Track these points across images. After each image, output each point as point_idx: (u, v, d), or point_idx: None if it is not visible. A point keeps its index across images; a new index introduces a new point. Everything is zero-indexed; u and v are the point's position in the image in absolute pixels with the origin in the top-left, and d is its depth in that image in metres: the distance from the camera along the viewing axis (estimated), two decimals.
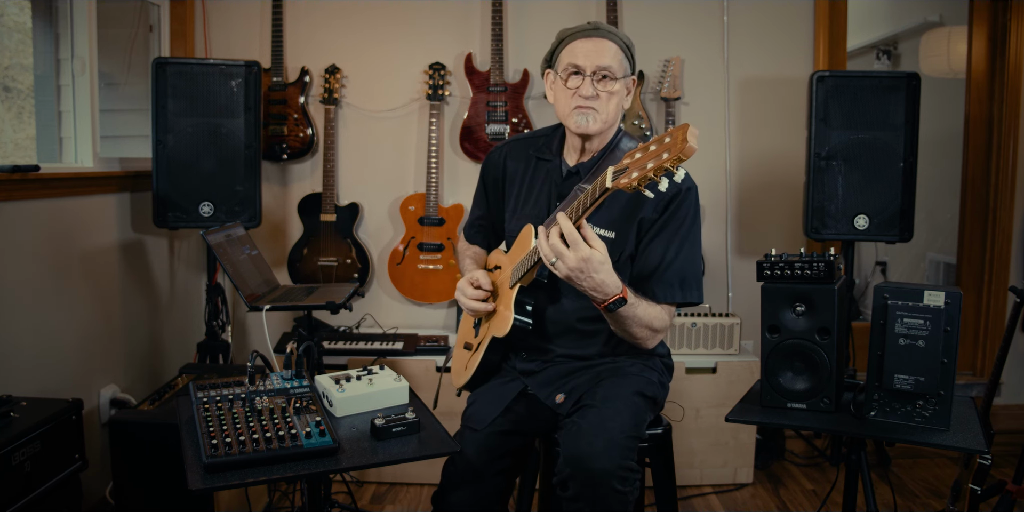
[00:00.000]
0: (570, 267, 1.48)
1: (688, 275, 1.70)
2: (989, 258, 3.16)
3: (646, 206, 1.69)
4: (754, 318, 1.97)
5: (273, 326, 3.12)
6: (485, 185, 1.96)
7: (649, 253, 1.70)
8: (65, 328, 2.37)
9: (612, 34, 1.69)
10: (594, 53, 1.66)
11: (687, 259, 1.70)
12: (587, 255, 1.47)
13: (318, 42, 3.12)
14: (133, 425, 2.02)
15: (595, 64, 1.66)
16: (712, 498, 2.73)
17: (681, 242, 1.69)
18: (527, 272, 1.66)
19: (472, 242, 2.02)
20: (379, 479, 2.83)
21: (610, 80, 1.67)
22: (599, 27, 1.69)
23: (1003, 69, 3.08)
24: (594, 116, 1.68)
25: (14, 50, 2.49)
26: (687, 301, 1.71)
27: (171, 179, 2.63)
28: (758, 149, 3.14)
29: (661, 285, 1.69)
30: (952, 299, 1.54)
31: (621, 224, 1.71)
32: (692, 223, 1.71)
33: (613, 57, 1.67)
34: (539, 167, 1.84)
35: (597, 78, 1.66)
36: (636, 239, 1.71)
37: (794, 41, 3.10)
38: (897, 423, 1.60)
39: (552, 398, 1.73)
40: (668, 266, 1.69)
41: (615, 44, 1.68)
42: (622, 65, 1.69)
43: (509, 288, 1.72)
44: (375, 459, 1.38)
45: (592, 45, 1.67)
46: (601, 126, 1.70)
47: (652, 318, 1.65)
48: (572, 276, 1.50)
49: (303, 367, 1.63)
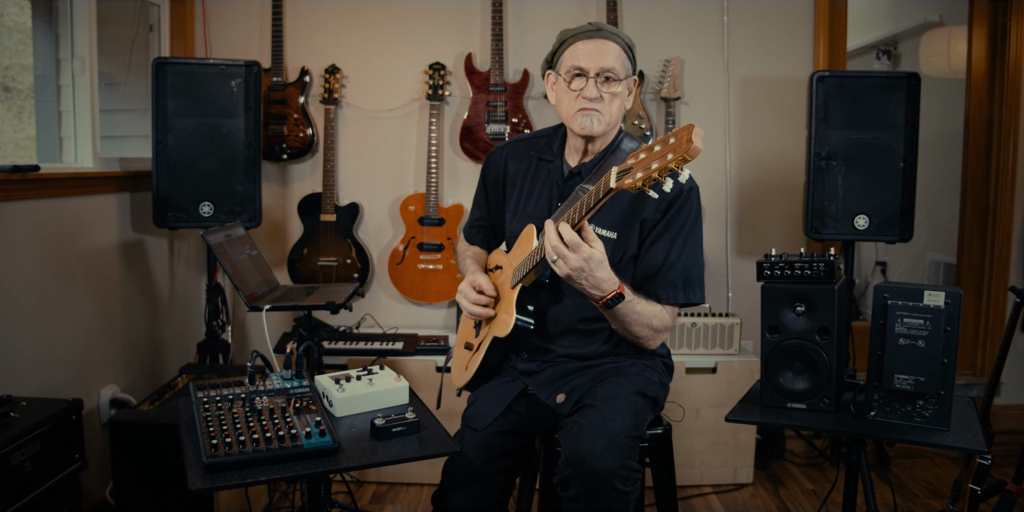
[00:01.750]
0: (572, 267, 1.49)
1: (691, 276, 1.71)
2: (989, 258, 3.16)
3: (648, 207, 1.69)
4: (754, 318, 1.97)
5: (273, 326, 3.12)
6: (485, 185, 1.96)
7: (652, 254, 1.70)
8: (65, 328, 2.37)
9: (614, 35, 1.69)
10: (597, 55, 1.66)
11: (690, 260, 1.71)
12: (588, 255, 1.47)
13: (318, 42, 3.12)
14: (133, 425, 2.03)
15: (598, 66, 1.66)
16: (712, 498, 2.73)
17: (684, 243, 1.70)
18: (529, 272, 1.66)
19: (472, 242, 2.02)
20: (379, 479, 2.83)
21: (613, 81, 1.67)
22: (601, 28, 1.69)
23: (1003, 69, 3.08)
24: (598, 118, 1.68)
25: (14, 50, 2.49)
26: (690, 301, 1.71)
27: (171, 179, 2.63)
28: (758, 149, 3.14)
29: (664, 286, 1.69)
30: (952, 299, 1.54)
31: (623, 225, 1.71)
32: (694, 223, 1.72)
33: (616, 58, 1.67)
34: (540, 167, 1.84)
35: (601, 80, 1.67)
36: (639, 240, 1.71)
37: (794, 41, 3.10)
38: (897, 423, 1.60)
39: (553, 398, 1.73)
40: (671, 267, 1.69)
41: (617, 45, 1.68)
42: (624, 66, 1.69)
43: (511, 288, 1.72)
44: (375, 459, 1.38)
45: (595, 46, 1.67)
46: (605, 127, 1.70)
47: (651, 316, 1.65)
48: (573, 275, 1.51)
49: (303, 367, 1.63)
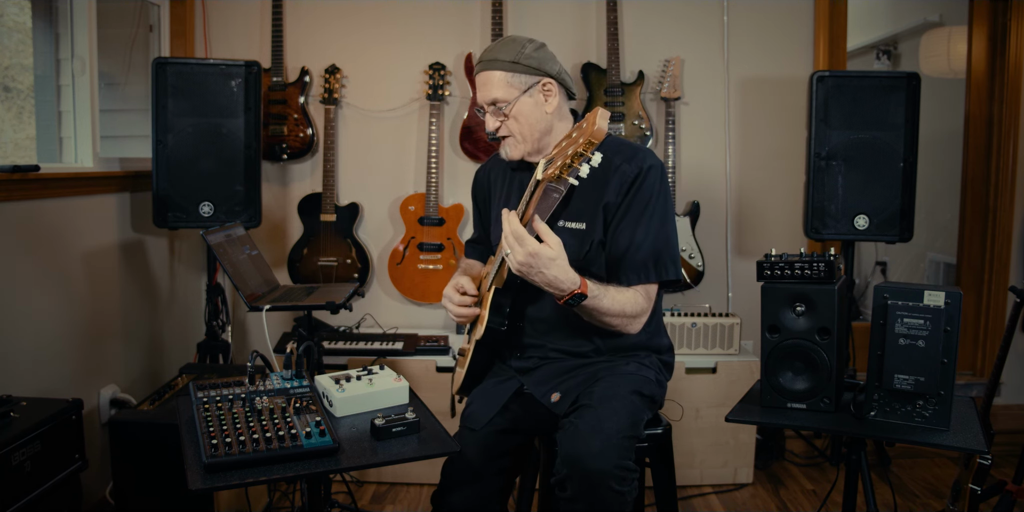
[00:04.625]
0: (519, 262, 1.48)
1: (662, 253, 1.69)
2: (989, 258, 3.16)
3: (609, 191, 1.69)
4: (754, 318, 1.97)
5: (273, 326, 3.12)
6: (477, 204, 2.02)
7: (618, 237, 1.69)
8: (65, 328, 2.37)
9: (491, 61, 1.71)
10: (480, 90, 1.75)
11: (659, 237, 1.69)
12: (534, 250, 1.46)
13: (318, 42, 3.12)
14: (133, 425, 2.03)
15: (484, 100, 1.74)
16: (712, 498, 2.73)
17: (648, 221, 1.68)
18: (496, 273, 1.67)
19: (470, 257, 2.08)
20: (379, 479, 2.83)
21: (501, 110, 1.72)
22: (480, 59, 1.74)
23: (1003, 69, 3.08)
24: (511, 144, 1.76)
25: (14, 50, 2.49)
26: (663, 278, 1.69)
27: (171, 179, 2.63)
28: (758, 149, 3.14)
29: (633, 268, 1.68)
30: (952, 299, 1.54)
31: (589, 214, 1.71)
32: (658, 200, 1.69)
33: (496, 86, 1.71)
34: (514, 178, 1.88)
35: (494, 109, 1.73)
36: (604, 225, 1.71)
37: (794, 41, 3.10)
38: (897, 423, 1.60)
39: (547, 397, 1.73)
40: (638, 248, 1.67)
41: (498, 70, 1.70)
42: (510, 87, 1.70)
43: (487, 290, 1.73)
44: (375, 459, 1.38)
45: (479, 81, 1.75)
46: (524, 148, 1.75)
47: (623, 305, 1.63)
48: (523, 270, 1.49)
49: (303, 367, 1.64)
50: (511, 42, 1.72)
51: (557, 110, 1.75)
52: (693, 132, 3.12)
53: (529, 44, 1.72)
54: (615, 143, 1.76)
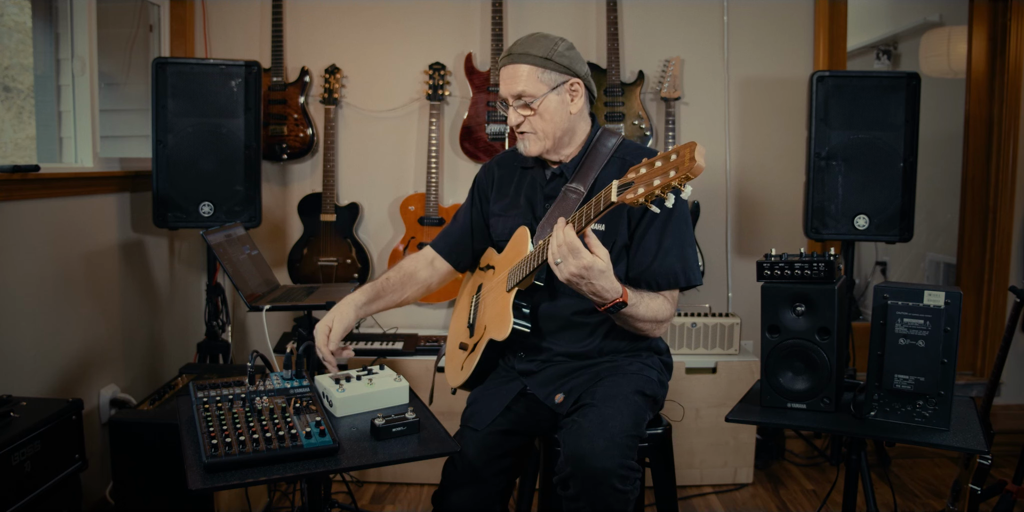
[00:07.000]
0: (571, 273, 1.50)
1: (688, 258, 1.73)
2: (989, 258, 3.16)
3: None
4: (754, 318, 1.97)
5: (273, 326, 3.12)
6: (476, 195, 1.99)
7: (645, 243, 1.71)
8: (65, 328, 2.37)
9: (522, 55, 1.70)
10: (507, 82, 1.73)
11: (685, 242, 1.73)
12: (589, 263, 1.48)
13: (318, 42, 3.12)
14: (133, 425, 2.02)
15: (509, 93, 1.72)
16: (712, 498, 2.73)
17: (675, 228, 1.71)
18: (526, 277, 1.66)
19: (434, 247, 2.00)
20: (379, 479, 2.83)
21: (527, 105, 1.71)
22: (510, 52, 1.73)
23: (1003, 69, 3.08)
24: (531, 139, 1.75)
25: (14, 50, 2.49)
26: (690, 284, 1.73)
27: (171, 179, 2.63)
28: (758, 149, 3.14)
29: (663, 273, 1.71)
30: (952, 299, 1.54)
31: (611, 216, 1.71)
32: (682, 207, 1.73)
33: (526, 80, 1.69)
34: (523, 176, 1.88)
35: (519, 104, 1.72)
36: (628, 229, 1.72)
37: (794, 41, 3.10)
38: (897, 423, 1.60)
39: (551, 398, 1.73)
40: (667, 253, 1.71)
41: (526, 64, 1.69)
42: (539, 82, 1.70)
43: (507, 291, 1.72)
44: (375, 459, 1.38)
45: (505, 74, 1.73)
46: (543, 144, 1.75)
47: (656, 311, 1.67)
48: (573, 280, 1.51)
49: (303, 367, 1.63)
50: (543, 38, 1.72)
51: (580, 112, 1.76)
52: (693, 132, 3.12)
53: (561, 42, 1.72)
54: (633, 147, 1.79)
